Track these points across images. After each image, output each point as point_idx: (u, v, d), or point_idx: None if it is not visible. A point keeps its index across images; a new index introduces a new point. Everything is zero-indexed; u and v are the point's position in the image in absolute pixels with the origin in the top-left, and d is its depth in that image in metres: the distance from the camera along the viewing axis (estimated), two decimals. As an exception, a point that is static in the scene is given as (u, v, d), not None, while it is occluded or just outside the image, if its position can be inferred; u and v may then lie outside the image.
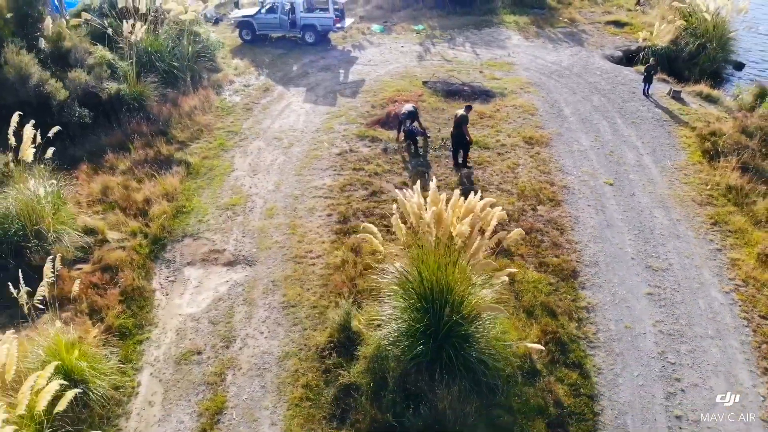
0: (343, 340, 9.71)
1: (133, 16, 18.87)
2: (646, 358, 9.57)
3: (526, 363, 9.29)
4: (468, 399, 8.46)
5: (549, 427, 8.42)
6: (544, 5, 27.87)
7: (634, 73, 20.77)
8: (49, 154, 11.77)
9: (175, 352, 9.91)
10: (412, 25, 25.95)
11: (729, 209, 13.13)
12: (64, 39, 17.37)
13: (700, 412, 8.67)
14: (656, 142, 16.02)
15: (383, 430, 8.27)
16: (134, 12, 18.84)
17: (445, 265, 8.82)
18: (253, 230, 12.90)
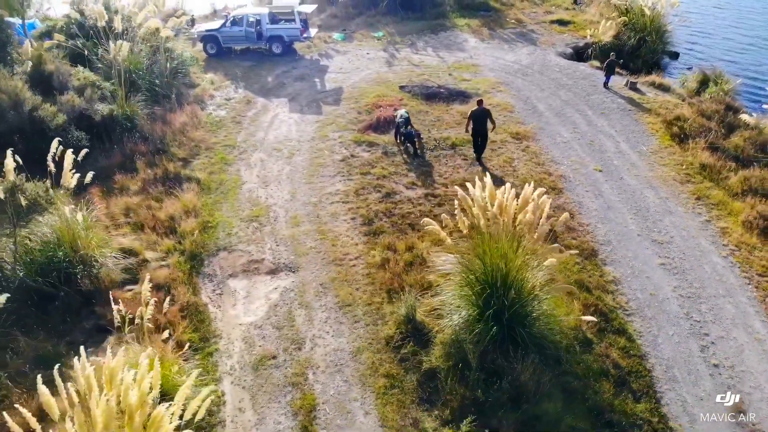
0: (410, 330, 10.46)
1: (107, 35, 18.76)
2: (675, 318, 10.90)
3: (578, 334, 10.37)
4: (540, 370, 9.43)
5: (614, 386, 9.53)
6: (490, 8, 29.43)
7: (589, 68, 22.55)
8: (88, 178, 11.78)
9: (249, 359, 10.32)
10: (371, 32, 26.78)
11: (706, 185, 14.84)
12: (45, 62, 17.05)
13: (732, 359, 10.05)
14: (627, 130, 17.66)
15: (473, 406, 9.10)
16: (108, 31, 18.71)
17: (508, 252, 9.74)
18: (284, 238, 13.37)
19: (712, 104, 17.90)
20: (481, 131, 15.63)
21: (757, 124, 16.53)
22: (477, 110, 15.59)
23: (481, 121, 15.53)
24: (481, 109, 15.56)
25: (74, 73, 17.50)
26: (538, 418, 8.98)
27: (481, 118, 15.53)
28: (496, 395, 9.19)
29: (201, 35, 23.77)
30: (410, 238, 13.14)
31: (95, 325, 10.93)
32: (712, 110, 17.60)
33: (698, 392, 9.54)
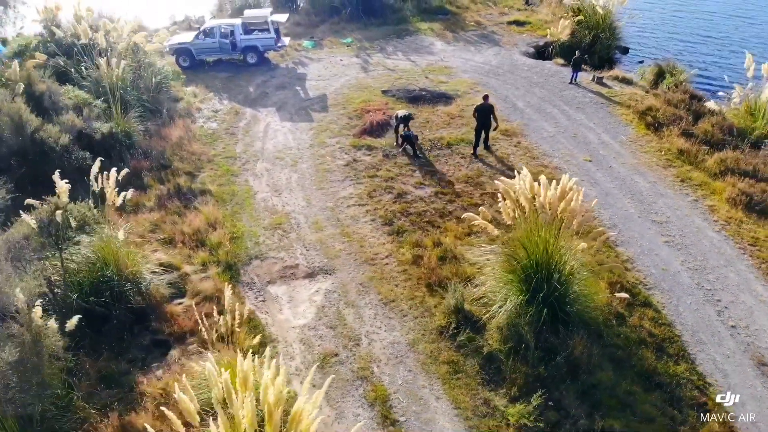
0: (461, 319, 11.20)
1: (88, 52, 18.63)
2: (689, 289, 12.13)
3: (611, 310, 11.40)
4: (589, 345, 10.38)
5: (654, 352, 10.60)
6: (447, 11, 30.52)
7: (554, 65, 23.93)
8: (129, 196, 11.88)
9: (312, 359, 10.78)
10: (339, 39, 27.31)
11: (687, 168, 16.32)
12: (35, 82, 16.75)
13: (745, 320, 11.34)
14: (604, 122, 19.03)
15: (536, 382, 9.95)
16: (91, 48, 18.58)
17: (551, 238, 10.65)
18: (312, 243, 13.83)
19: (677, 94, 19.52)
20: (486, 125, 16.60)
21: (720, 110, 18.21)
22: (483, 105, 16.61)
23: (486, 116, 16.51)
24: (487, 105, 16.56)
25: (64, 92, 17.25)
26: (596, 387, 9.92)
27: (486, 113, 16.51)
28: (555, 370, 10.07)
29: (174, 48, 23.65)
30: (433, 234, 13.88)
31: (152, 340, 11.11)
32: (677, 99, 19.20)
33: (724, 351, 10.75)
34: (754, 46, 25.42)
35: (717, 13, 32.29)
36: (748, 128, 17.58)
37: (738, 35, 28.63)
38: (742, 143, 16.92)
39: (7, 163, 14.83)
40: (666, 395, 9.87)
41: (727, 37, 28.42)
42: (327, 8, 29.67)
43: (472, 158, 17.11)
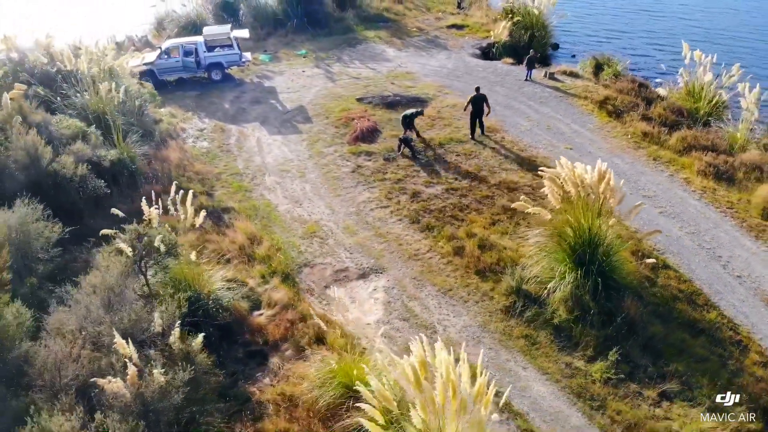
0: (522, 298, 12.52)
1: (70, 78, 18.32)
2: (694, 250, 14.15)
3: (641, 274, 13.15)
4: (638, 305, 12.04)
5: (687, 305, 12.44)
6: (386, 19, 31.81)
7: (504, 65, 25.86)
8: (201, 218, 12.18)
9: (399, 349, 11.66)
10: (292, 50, 27.84)
11: (654, 148, 18.58)
12: (29, 113, 16.28)
13: (746, 270, 13.48)
14: (569, 113, 21.07)
15: (606, 341, 11.45)
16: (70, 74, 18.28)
17: (594, 217, 12.21)
18: (352, 246, 14.65)
19: (625, 83, 21.94)
20: (480, 112, 18.54)
21: (667, 94, 20.77)
22: (476, 95, 18.38)
23: (479, 105, 18.25)
24: (479, 95, 18.30)
25: (57, 121, 16.84)
26: (652, 339, 11.59)
27: (480, 102, 18.22)
28: (616, 330, 11.61)
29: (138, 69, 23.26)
30: (461, 227, 15.11)
31: (246, 352, 11.56)
32: (627, 88, 21.60)
33: (739, 297, 12.79)
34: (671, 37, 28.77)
35: (629, 10, 35.60)
36: (692, 109, 20.17)
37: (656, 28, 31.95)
38: (694, 123, 19.45)
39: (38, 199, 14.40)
40: (709, 338, 11.71)
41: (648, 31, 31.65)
42: (271, 21, 30.02)
43: (467, 155, 18.46)
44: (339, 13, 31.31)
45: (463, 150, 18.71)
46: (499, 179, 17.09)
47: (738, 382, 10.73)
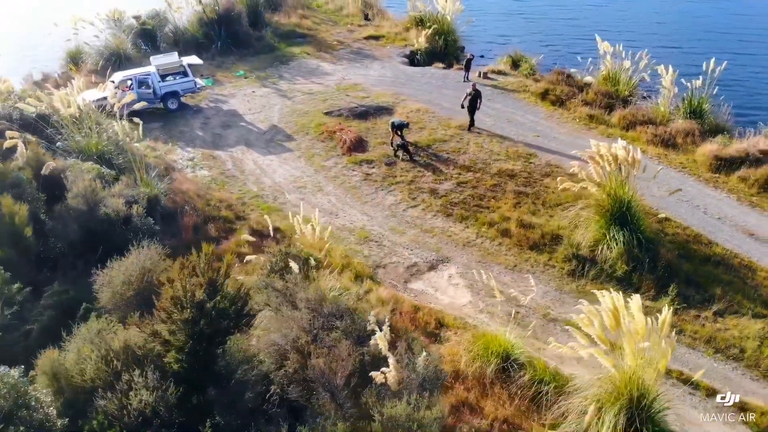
0: (580, 262, 14.96)
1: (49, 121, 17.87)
2: (677, 203, 17.47)
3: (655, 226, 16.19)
4: (667, 250, 15.01)
5: (697, 244, 15.65)
6: (302, 35, 32.88)
7: (437, 69, 28.34)
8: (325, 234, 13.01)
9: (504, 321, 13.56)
10: (229, 72, 28.03)
11: (603, 127, 22.08)
12: (46, 159, 15.71)
13: (718, 212, 17.08)
14: (518, 106, 24.05)
15: (660, 282, 14.23)
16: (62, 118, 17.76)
17: (627, 187, 14.97)
18: (407, 244, 16.19)
19: (554, 76, 25.39)
20: (474, 107, 21.08)
21: (594, 81, 24.51)
22: (473, 92, 20.84)
23: (475, 101, 20.77)
24: (476, 91, 20.75)
25: (71, 165, 16.33)
26: (689, 274, 14.63)
27: (475, 99, 20.67)
28: (663, 273, 14.45)
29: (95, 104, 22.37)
30: (491, 213, 17.24)
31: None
32: (557, 80, 25.05)
33: (727, 234, 16.30)
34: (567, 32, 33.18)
35: (523, 13, 39.56)
36: (614, 91, 24.06)
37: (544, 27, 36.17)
38: (622, 103, 23.30)
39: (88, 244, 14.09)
40: (725, 266, 15.00)
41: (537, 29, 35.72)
42: (193, 44, 29.79)
43: (455, 153, 20.56)
44: (255, 33, 31.82)
45: (450, 148, 20.78)
46: (496, 169, 19.43)
47: (763, 291, 14.02)
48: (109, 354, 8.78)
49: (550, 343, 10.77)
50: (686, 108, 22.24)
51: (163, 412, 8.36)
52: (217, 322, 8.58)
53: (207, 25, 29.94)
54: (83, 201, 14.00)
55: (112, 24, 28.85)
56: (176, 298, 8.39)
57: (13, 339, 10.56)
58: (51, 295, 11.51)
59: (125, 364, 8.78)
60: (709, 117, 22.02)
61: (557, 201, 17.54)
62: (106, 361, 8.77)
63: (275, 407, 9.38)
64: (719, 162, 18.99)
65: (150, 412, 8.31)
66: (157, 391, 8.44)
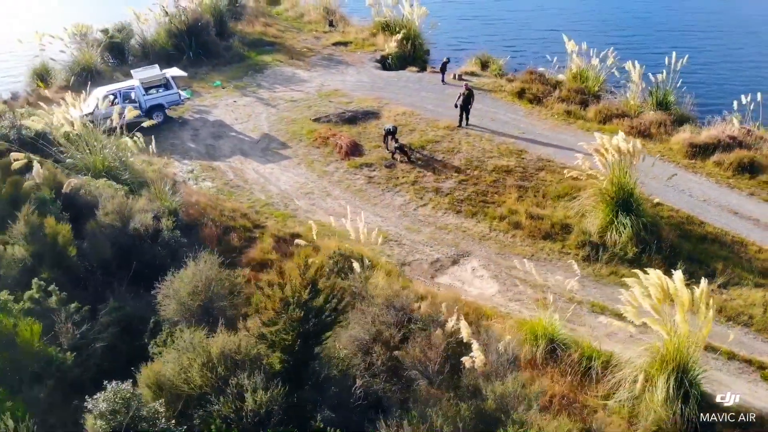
0: (594, 247, 16.06)
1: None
2: (664, 189, 18.86)
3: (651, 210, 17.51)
4: (668, 230, 16.34)
5: (690, 225, 17.06)
6: (270, 43, 33.02)
7: (411, 73, 29.15)
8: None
9: (535, 306, 14.47)
10: (206, 83, 27.90)
11: (581, 122, 23.44)
12: (64, 179, 15.54)
13: (705, 195, 18.60)
14: (497, 105, 25.15)
15: (666, 260, 15.48)
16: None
17: (628, 173, 16.20)
18: (426, 242, 16.91)
19: (526, 75, 26.66)
20: (468, 106, 22.09)
21: (565, 79, 25.91)
22: (467, 91, 21.82)
23: (468, 100, 21.69)
24: (469, 91, 21.71)
25: (87, 183, 16.18)
26: (689, 252, 15.97)
27: (469, 98, 21.56)
28: (667, 253, 15.73)
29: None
30: (498, 207, 18.16)
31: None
32: (530, 79, 26.33)
33: (714, 213, 17.81)
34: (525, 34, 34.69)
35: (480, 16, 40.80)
36: (584, 88, 25.55)
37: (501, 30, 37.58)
38: (593, 98, 24.79)
39: (121, 261, 14.05)
40: (719, 243, 16.48)
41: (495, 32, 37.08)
42: (164, 56, 29.43)
43: (449, 152, 21.40)
44: (223, 42, 31.74)
45: (444, 148, 21.61)
46: (492, 166, 20.38)
47: (757, 263, 15.51)
48: (210, 361, 9.04)
49: (596, 322, 11.69)
50: (654, 101, 23.91)
51: (275, 411, 8.71)
52: (321, 320, 9.00)
53: (177, 36, 29.64)
54: (117, 217, 13.96)
55: (78, 39, 28.11)
56: (285, 300, 8.76)
57: (83, 358, 10.56)
58: (109, 312, 11.51)
59: (227, 369, 9.07)
60: (675, 108, 23.75)
61: (557, 193, 18.65)
62: (209, 367, 9.02)
63: (361, 400, 9.87)
64: (694, 149, 20.60)
65: (264, 412, 8.65)
66: (268, 391, 8.79)
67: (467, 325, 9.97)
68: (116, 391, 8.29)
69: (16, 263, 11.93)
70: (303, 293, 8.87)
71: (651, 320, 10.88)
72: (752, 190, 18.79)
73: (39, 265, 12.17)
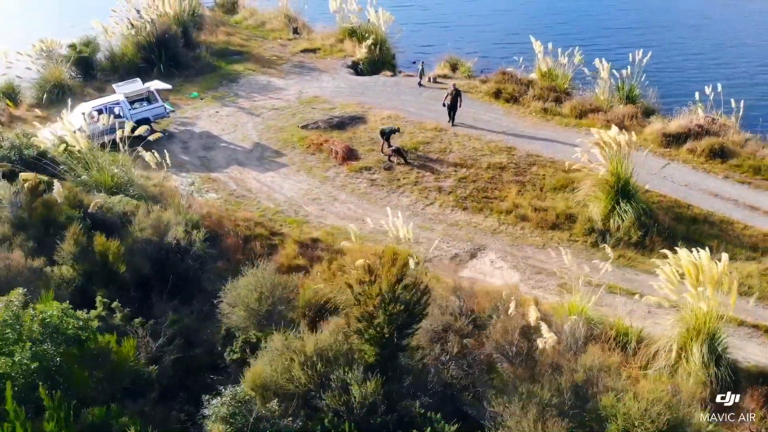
0: (599, 234, 17.22)
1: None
2: (660, 180, 20.11)
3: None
4: (664, 214, 17.73)
5: (679, 208, 18.53)
6: (237, 52, 32.98)
7: (385, 77, 29.85)
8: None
9: (559, 291, 15.46)
10: (182, 95, 27.63)
11: (558, 118, 24.76)
12: (85, 197, 15.40)
13: (685, 180, 20.19)
14: (476, 106, 26.17)
15: (666, 240, 16.82)
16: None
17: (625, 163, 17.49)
18: (442, 239, 17.65)
19: (498, 76, 27.85)
20: (456, 105, 23.05)
21: (535, 79, 27.26)
22: (454, 92, 22.94)
23: (455, 99, 22.69)
24: (457, 91, 22.81)
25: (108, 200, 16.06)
26: (683, 233, 17.36)
27: (456, 98, 22.64)
28: (666, 235, 17.10)
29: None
30: (501, 202, 19.12)
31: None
32: (503, 80, 27.53)
33: (698, 196, 19.34)
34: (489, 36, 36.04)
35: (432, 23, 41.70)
36: (555, 86, 26.98)
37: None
38: (565, 95, 26.24)
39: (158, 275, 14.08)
40: (709, 223, 17.99)
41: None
42: (134, 69, 28.95)
43: (441, 152, 22.23)
44: (190, 53, 31.46)
45: (436, 149, 22.42)
46: (486, 163, 21.35)
47: (745, 239, 17.08)
48: (309, 359, 9.44)
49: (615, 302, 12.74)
50: (622, 95, 25.57)
51: (379, 401, 9.22)
52: (412, 311, 9.57)
53: (146, 48, 29.19)
54: (155, 232, 13.97)
55: (44, 55, 27.28)
56: (382, 296, 9.27)
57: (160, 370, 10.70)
58: (170, 324, 11.62)
59: (325, 365, 9.50)
60: (641, 101, 25.48)
61: (553, 185, 19.79)
62: (308, 365, 9.43)
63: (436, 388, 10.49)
64: (668, 138, 22.24)
65: (369, 403, 9.14)
66: (369, 384, 9.28)
67: (536, 309, 10.76)
68: (233, 394, 8.58)
69: (66, 284, 11.83)
70: (398, 287, 9.41)
71: (690, 294, 11.97)
72: (726, 173, 20.50)
73: (89, 284, 12.11)
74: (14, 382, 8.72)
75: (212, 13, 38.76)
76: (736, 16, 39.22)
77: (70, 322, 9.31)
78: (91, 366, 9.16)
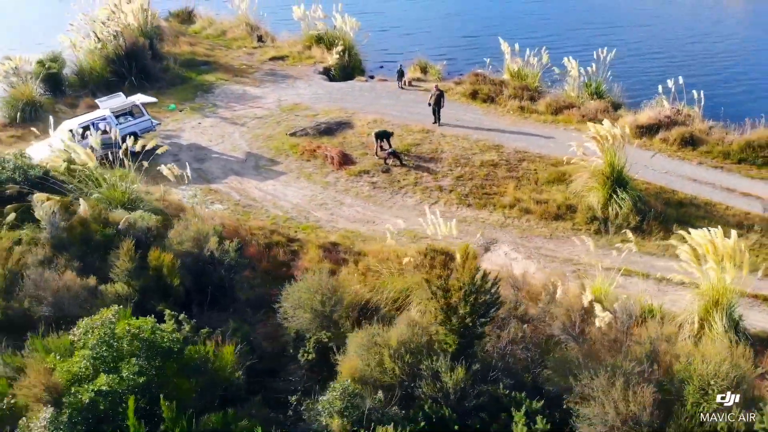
0: (601, 222, 18.40)
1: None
2: (642, 168, 21.45)
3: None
4: (656, 201, 19.12)
5: (666, 194, 20.00)
6: (204, 62, 32.76)
7: (360, 83, 30.40)
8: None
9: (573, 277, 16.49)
10: (158, 108, 27.25)
11: (536, 116, 26.00)
12: (108, 213, 15.30)
13: (666, 167, 21.76)
14: (455, 106, 27.00)
15: (663, 224, 18.17)
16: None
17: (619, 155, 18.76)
18: (460, 233, 18.31)
19: (472, 77, 28.89)
20: (440, 105, 23.99)
21: (507, 79, 28.47)
22: (437, 92, 23.92)
23: (439, 100, 23.65)
24: (440, 91, 23.73)
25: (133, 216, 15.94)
26: (676, 216, 18.74)
27: (440, 98, 23.55)
28: (662, 218, 18.44)
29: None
30: (500, 197, 20.06)
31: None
32: (476, 81, 28.59)
33: (681, 183, 20.88)
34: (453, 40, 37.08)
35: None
36: (527, 85, 28.29)
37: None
38: (537, 93, 27.56)
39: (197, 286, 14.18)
40: (695, 207, 19.47)
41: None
42: (104, 84, 28.36)
43: (433, 153, 22.99)
44: (158, 64, 31.05)
45: (428, 150, 23.17)
46: (479, 161, 22.26)
47: (729, 218, 18.64)
48: (398, 350, 9.95)
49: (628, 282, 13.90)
50: (589, 91, 27.11)
51: (469, 386, 9.84)
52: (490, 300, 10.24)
53: (115, 61, 28.63)
54: (195, 244, 14.04)
55: (11, 73, 26.31)
56: (465, 289, 9.89)
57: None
58: (232, 333, 11.82)
59: (412, 357, 10.04)
60: (608, 96, 27.10)
61: (547, 179, 20.89)
62: (397, 357, 9.94)
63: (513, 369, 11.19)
64: (641, 129, 23.80)
65: (461, 389, 9.74)
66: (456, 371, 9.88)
67: (590, 293, 11.63)
68: (344, 389, 8.98)
69: (125, 300, 11.81)
70: (478, 279, 10.06)
71: (711, 268, 13.16)
72: (699, 159, 22.19)
73: (145, 299, 12.13)
74: (119, 398, 8.83)
75: (168, 23, 38.33)
76: (684, 14, 42.16)
77: (165, 335, 9.44)
78: (191, 376, 9.31)
